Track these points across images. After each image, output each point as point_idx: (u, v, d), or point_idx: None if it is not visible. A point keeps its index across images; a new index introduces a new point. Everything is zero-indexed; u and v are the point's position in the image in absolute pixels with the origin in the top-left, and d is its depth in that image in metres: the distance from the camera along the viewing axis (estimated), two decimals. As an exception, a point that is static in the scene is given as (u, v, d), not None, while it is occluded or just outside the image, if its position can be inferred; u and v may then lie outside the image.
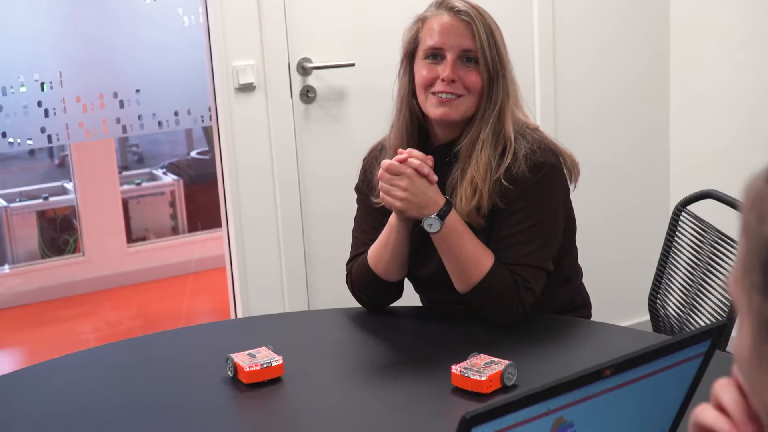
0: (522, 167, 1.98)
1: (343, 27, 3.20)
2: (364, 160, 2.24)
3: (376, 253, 2.08)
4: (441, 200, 1.97)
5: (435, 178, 1.98)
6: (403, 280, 2.13)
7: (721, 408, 0.90)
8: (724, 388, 0.90)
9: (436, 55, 2.03)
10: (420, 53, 2.06)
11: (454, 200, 2.01)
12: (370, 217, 2.18)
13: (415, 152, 1.99)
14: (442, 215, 1.95)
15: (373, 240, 2.11)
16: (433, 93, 2.03)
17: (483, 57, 2.01)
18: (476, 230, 2.01)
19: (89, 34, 4.43)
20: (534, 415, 0.98)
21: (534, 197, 1.99)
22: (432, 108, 2.04)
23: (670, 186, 3.82)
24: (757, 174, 0.79)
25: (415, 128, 2.10)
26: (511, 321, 1.97)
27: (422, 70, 2.05)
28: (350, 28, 3.21)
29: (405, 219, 2.01)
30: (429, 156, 2.00)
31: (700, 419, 0.91)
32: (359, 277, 2.11)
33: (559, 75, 3.52)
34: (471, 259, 1.96)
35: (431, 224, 1.95)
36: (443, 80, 2.01)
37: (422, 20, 2.08)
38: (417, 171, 1.96)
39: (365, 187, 2.19)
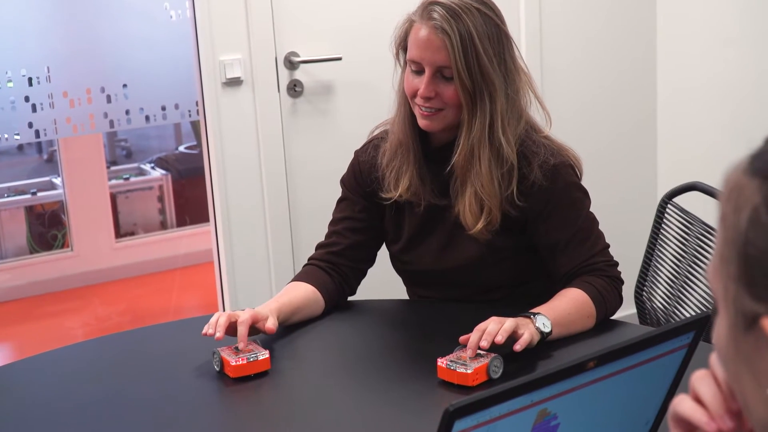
0: (538, 175, 1.96)
1: (330, 21, 3.20)
2: (357, 153, 2.19)
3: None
4: (524, 318, 1.84)
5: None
6: (350, 283, 2.17)
7: (698, 399, 0.91)
8: (701, 380, 0.91)
9: (417, 67, 1.98)
10: (408, 57, 2.01)
11: (457, 209, 2.00)
12: (342, 214, 2.18)
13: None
14: (539, 321, 1.84)
15: (340, 236, 2.16)
16: (417, 104, 2.00)
17: (457, 74, 1.93)
18: (480, 242, 2.01)
19: (76, 29, 4.42)
20: (517, 408, 0.98)
21: (565, 200, 2.00)
22: (417, 118, 2.01)
23: (657, 178, 3.82)
24: (736, 165, 0.79)
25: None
26: (621, 299, 2.03)
27: (407, 78, 2.01)
28: (337, 22, 3.20)
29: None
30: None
31: (678, 410, 0.91)
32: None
33: (546, 68, 3.52)
34: (579, 316, 1.93)
35: (544, 323, 1.84)
36: (421, 96, 1.97)
37: (410, 22, 2.00)
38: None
39: (356, 181, 2.16)
